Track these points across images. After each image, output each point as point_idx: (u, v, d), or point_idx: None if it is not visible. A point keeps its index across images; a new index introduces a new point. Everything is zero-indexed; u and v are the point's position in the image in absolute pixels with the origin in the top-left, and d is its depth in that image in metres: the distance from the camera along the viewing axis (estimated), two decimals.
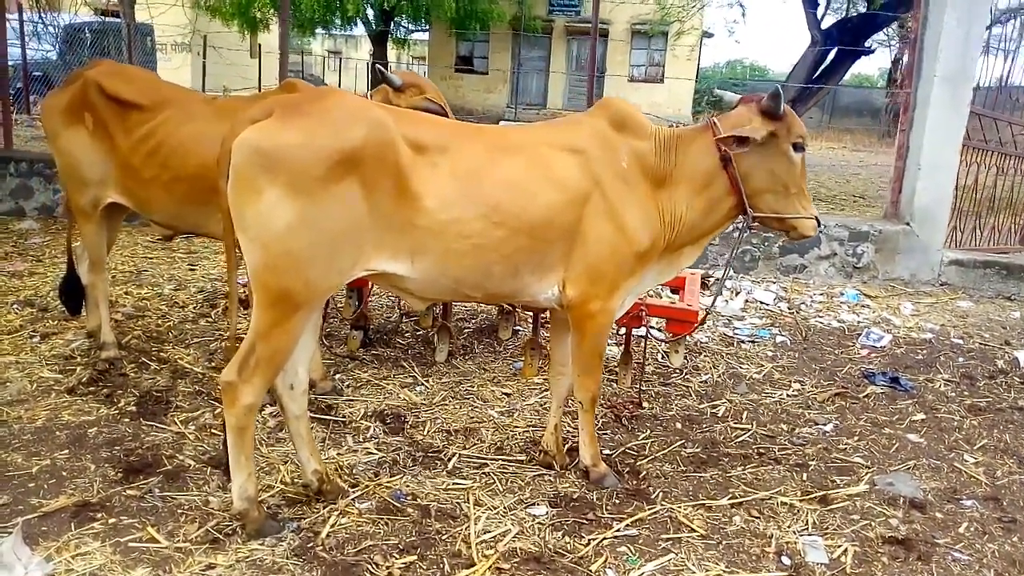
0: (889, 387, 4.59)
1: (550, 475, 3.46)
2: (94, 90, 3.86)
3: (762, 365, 4.93)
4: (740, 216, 3.24)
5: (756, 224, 3.27)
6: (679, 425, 4.05)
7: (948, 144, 6.36)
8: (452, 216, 2.83)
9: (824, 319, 5.91)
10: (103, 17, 19.59)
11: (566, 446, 3.61)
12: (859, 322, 5.85)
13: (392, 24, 23.45)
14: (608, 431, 3.93)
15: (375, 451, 3.58)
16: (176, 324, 4.98)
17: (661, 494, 3.35)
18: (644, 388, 4.40)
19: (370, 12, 22.68)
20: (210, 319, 5.13)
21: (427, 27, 24.07)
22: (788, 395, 4.50)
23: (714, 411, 4.24)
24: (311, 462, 3.10)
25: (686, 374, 4.71)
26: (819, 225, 3.29)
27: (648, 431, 3.95)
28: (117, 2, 19.47)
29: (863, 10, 14.23)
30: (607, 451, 3.67)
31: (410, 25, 24.29)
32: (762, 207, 3.20)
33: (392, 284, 2.98)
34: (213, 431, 3.64)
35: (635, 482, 3.45)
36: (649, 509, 3.21)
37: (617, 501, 3.28)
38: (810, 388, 4.60)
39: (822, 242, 6.76)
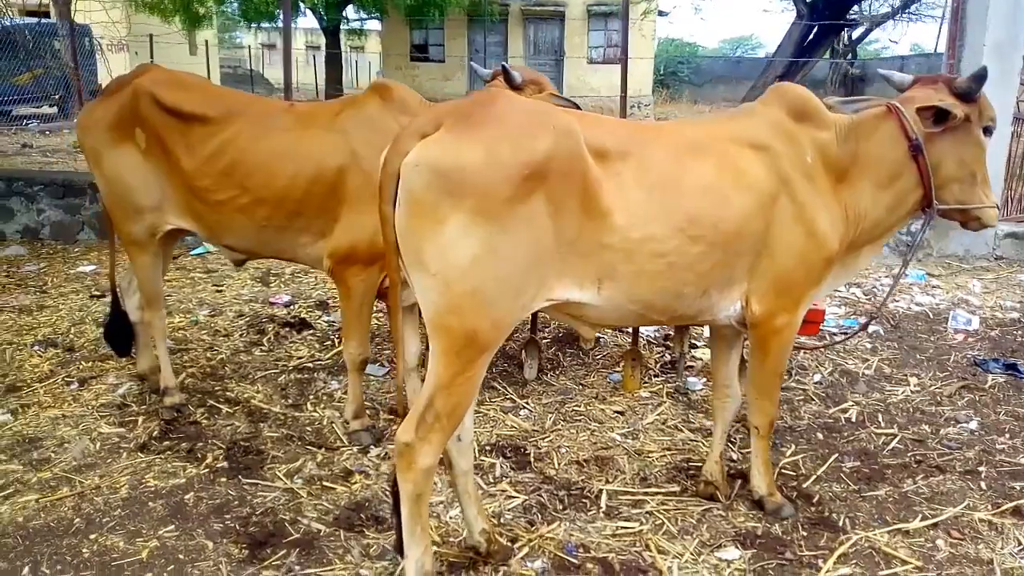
0: (1009, 375, 4.37)
1: (718, 508, 3.10)
2: (147, 102, 3.31)
3: (866, 359, 4.66)
4: (924, 210, 2.92)
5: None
6: (820, 435, 3.74)
7: (999, 115, 6.18)
8: (646, 233, 2.43)
9: (901, 303, 5.68)
10: (38, 19, 18.34)
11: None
12: (937, 304, 5.65)
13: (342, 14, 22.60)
14: (746, 447, 3.59)
15: (515, 493, 3.17)
16: (229, 357, 4.45)
17: (847, 520, 3.03)
18: None
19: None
20: (263, 348, 4.61)
21: (379, 16, 23.24)
22: (912, 392, 4.23)
23: (846, 416, 3.95)
24: (478, 521, 2.69)
25: (795, 375, 4.41)
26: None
27: (792, 445, 3.62)
28: (48, 3, 18.34)
29: None
30: None
31: (362, 14, 23.44)
32: (947, 198, 2.88)
33: (568, 313, 2.57)
34: (325, 484, 3.18)
35: (812, 508, 3.12)
36: (844, 539, 2.90)
37: (804, 533, 2.95)
38: (930, 382, 4.34)
39: None
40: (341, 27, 23.11)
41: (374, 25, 27.27)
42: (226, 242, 3.46)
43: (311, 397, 3.98)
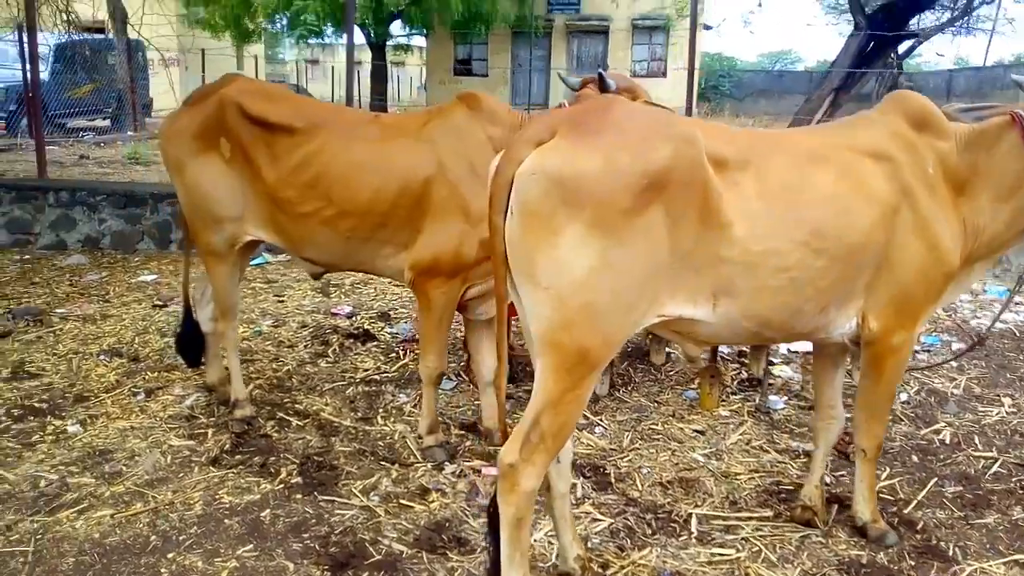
0: None
1: (817, 535, 2.92)
2: (233, 112, 3.25)
3: (954, 378, 4.43)
4: None
5: None
6: (915, 458, 3.53)
7: None
8: (768, 246, 2.29)
9: (983, 320, 5.43)
10: (94, 35, 18.80)
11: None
12: (1022, 321, 5.38)
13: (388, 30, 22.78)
14: (838, 470, 3.41)
15: (600, 516, 3.03)
16: (295, 368, 4.38)
17: (957, 550, 2.83)
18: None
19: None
20: (329, 359, 4.54)
21: (425, 32, 23.41)
22: (1007, 412, 4.00)
23: (939, 437, 3.73)
24: (573, 547, 2.56)
25: None
26: None
27: (886, 468, 3.42)
28: (106, 20, 18.78)
29: None
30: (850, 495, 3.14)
31: (408, 29, 23.63)
32: None
33: (676, 330, 2.43)
34: (402, 502, 3.07)
35: (917, 536, 2.93)
36: (957, 570, 2.70)
37: (912, 563, 2.76)
38: None
39: None
40: (387, 42, 23.29)
41: (418, 40, 27.48)
42: (307, 255, 3.39)
43: (380, 410, 3.88)
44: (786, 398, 4.13)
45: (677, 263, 2.21)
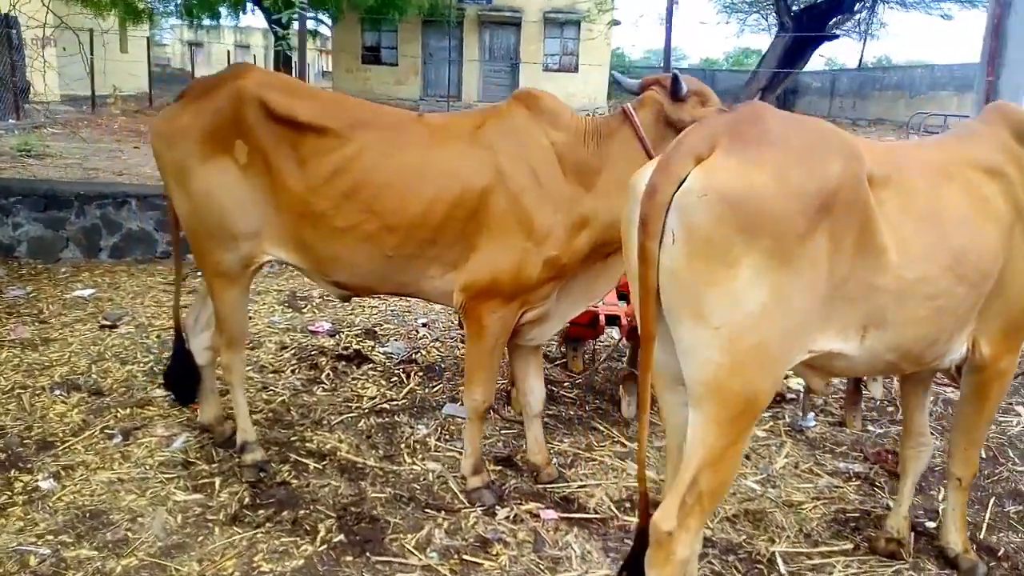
0: None
1: (907, 568, 2.81)
2: (254, 109, 2.79)
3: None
4: None
5: None
6: None
7: None
8: (920, 273, 2.11)
9: None
10: None
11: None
12: None
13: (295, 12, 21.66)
14: (879, 491, 3.32)
15: None
16: (290, 399, 3.92)
17: None
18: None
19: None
20: (325, 386, 4.10)
21: (332, 15, 22.41)
22: None
23: (984, 453, 3.72)
24: None
25: (888, 405, 4.17)
26: None
27: (939, 488, 3.36)
28: None
29: None
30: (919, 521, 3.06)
31: (311, 13, 22.54)
32: None
33: (814, 364, 2.22)
34: (464, 557, 2.74)
35: (1003, 564, 2.86)
36: None
37: None
38: None
39: None
40: (293, 26, 22.17)
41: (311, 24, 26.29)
42: (337, 277, 2.96)
43: (403, 446, 3.51)
44: (812, 414, 4.04)
45: (833, 293, 2.00)
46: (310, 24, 22.94)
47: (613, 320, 3.70)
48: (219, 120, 2.82)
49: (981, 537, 3.03)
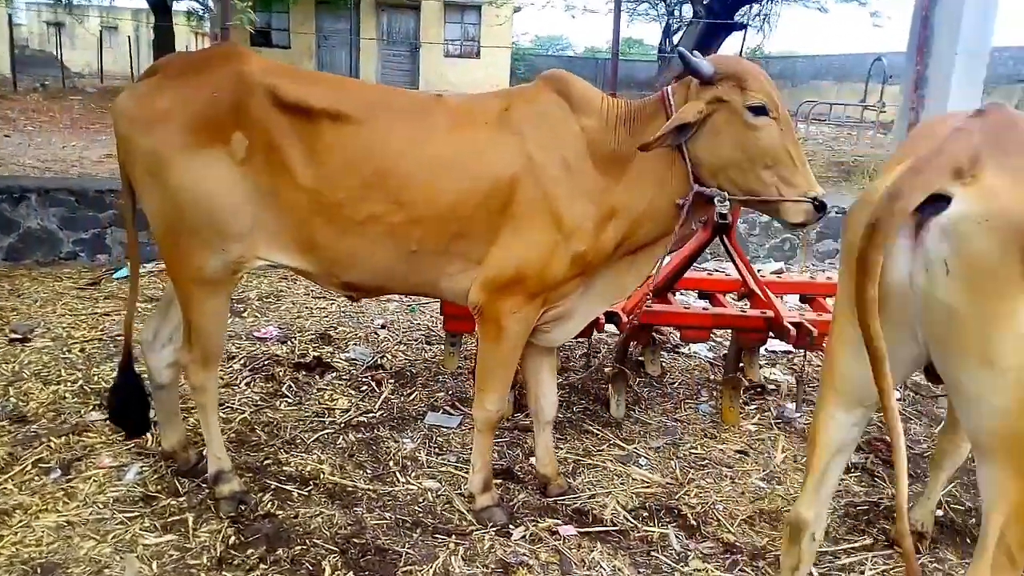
0: None
1: (931, 562, 2.78)
2: (261, 99, 2.43)
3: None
4: None
5: None
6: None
7: None
8: None
9: None
10: None
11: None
12: None
13: None
14: (881, 481, 3.32)
15: (719, 572, 2.67)
16: (253, 416, 3.53)
17: None
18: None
19: None
20: (288, 400, 3.71)
21: None
22: None
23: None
24: None
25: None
26: None
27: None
28: None
29: None
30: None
31: None
32: None
33: None
34: None
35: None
36: None
37: None
38: None
39: None
40: (173, 4, 20.77)
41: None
42: (349, 277, 2.63)
43: (392, 464, 3.21)
44: (793, 405, 4.01)
45: None
46: (194, 5, 21.61)
47: (612, 318, 3.52)
48: (215, 108, 2.43)
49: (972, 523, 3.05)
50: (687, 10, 20.18)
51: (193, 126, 2.42)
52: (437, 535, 2.76)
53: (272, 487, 2.96)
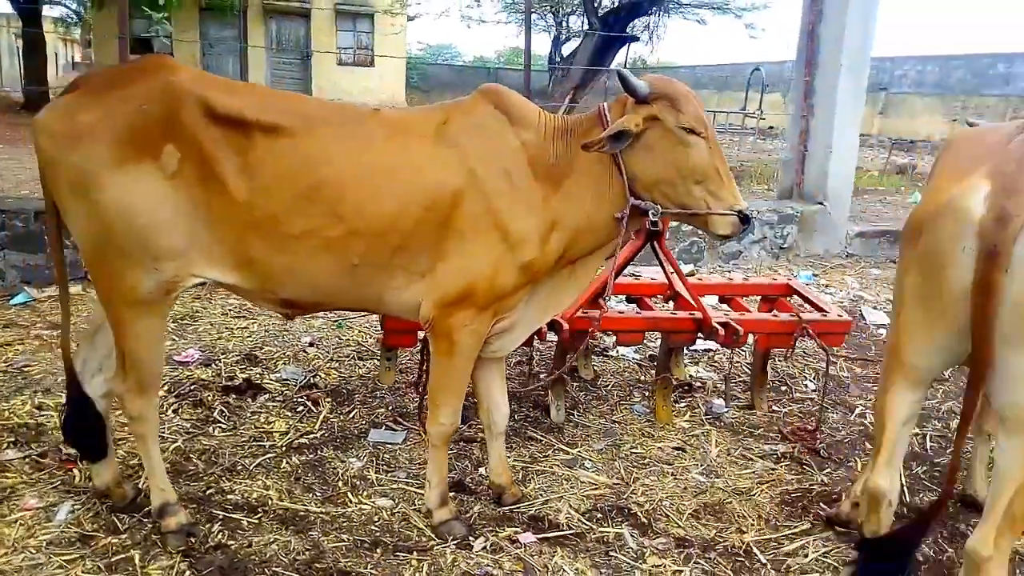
0: None
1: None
2: (193, 110, 2.34)
3: (842, 366, 4.85)
4: None
5: None
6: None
7: (852, 127, 6.95)
8: None
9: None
10: None
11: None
12: (841, 302, 6.08)
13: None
14: (809, 468, 3.53)
15: (675, 565, 2.78)
16: (187, 444, 3.38)
17: None
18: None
19: None
20: (222, 426, 3.57)
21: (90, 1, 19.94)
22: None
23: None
24: None
25: (779, 385, 4.45)
26: None
27: (855, 460, 3.63)
28: None
29: None
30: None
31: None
32: None
33: None
34: None
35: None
36: None
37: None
38: None
39: (755, 227, 6.98)
40: (43, 11, 19.46)
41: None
42: (288, 294, 2.56)
43: (341, 484, 3.15)
44: (720, 401, 4.19)
45: None
46: (61, 11, 20.27)
47: (552, 326, 3.57)
48: (144, 121, 2.33)
49: (907, 500, 3.30)
50: (574, 22, 20.68)
51: (121, 140, 2.31)
52: (398, 553, 2.73)
53: (220, 517, 2.85)
